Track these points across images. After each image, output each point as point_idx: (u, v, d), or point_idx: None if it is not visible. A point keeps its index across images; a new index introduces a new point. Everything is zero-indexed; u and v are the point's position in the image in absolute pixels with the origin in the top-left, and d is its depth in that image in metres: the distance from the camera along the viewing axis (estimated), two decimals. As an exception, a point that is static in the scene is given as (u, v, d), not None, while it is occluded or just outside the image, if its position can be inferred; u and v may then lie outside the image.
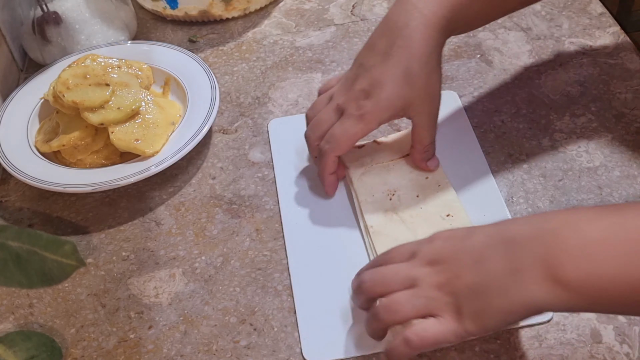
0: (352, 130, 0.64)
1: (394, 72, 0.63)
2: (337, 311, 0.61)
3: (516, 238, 0.49)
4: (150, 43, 0.86)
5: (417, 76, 0.63)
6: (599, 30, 0.85)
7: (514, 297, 0.48)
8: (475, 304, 0.50)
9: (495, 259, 0.49)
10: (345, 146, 0.65)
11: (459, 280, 0.51)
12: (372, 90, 0.63)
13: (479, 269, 0.50)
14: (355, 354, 0.58)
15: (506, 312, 0.48)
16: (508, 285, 0.48)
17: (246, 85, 0.84)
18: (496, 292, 0.49)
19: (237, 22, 0.93)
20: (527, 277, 0.47)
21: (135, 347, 0.61)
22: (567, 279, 0.46)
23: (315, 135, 0.67)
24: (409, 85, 0.63)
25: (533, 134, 0.74)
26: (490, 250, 0.50)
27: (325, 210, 0.69)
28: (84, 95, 0.71)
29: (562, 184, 0.69)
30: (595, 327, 0.58)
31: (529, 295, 0.47)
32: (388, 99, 0.63)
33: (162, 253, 0.68)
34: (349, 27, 0.90)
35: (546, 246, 0.47)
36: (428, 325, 0.51)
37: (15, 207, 0.74)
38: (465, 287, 0.50)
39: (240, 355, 0.59)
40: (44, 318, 0.64)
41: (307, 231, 0.67)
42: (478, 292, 0.50)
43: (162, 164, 0.70)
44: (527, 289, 0.47)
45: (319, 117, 0.67)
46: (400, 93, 0.63)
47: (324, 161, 0.67)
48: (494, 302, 0.49)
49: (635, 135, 0.73)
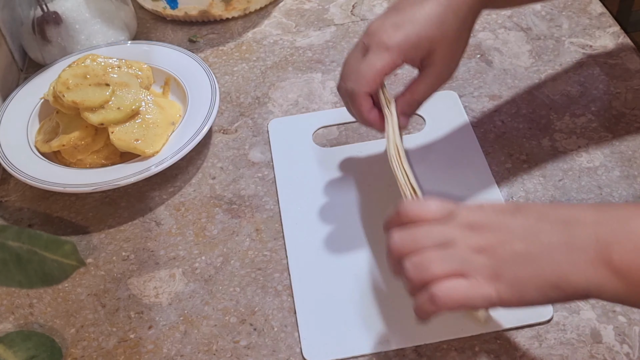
0: (378, 63, 0.60)
1: (430, 14, 0.60)
2: (338, 311, 0.61)
3: (577, 218, 0.48)
4: (150, 43, 0.86)
5: (450, 27, 0.61)
6: (599, 30, 0.85)
7: (564, 273, 0.46)
8: (519, 270, 0.47)
9: (551, 233, 0.47)
10: (373, 81, 0.61)
11: (504, 247, 0.48)
12: (404, 24, 0.60)
13: (531, 239, 0.48)
14: (356, 353, 0.58)
15: (551, 287, 0.47)
16: (561, 260, 0.46)
17: (246, 85, 0.84)
18: (547, 263, 0.47)
19: (237, 22, 0.93)
20: (582, 257, 0.46)
21: (135, 347, 0.61)
22: (624, 267, 0.45)
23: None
24: (441, 33, 0.61)
25: (533, 134, 0.74)
26: (545, 224, 0.48)
27: (325, 210, 0.69)
28: (84, 95, 0.71)
29: (562, 184, 0.69)
30: (595, 327, 0.58)
31: (581, 275, 0.46)
32: (418, 36, 0.60)
33: (162, 253, 0.68)
34: (349, 27, 0.90)
35: (610, 231, 0.46)
36: (457, 284, 0.48)
37: (15, 207, 0.74)
38: (512, 253, 0.48)
39: (240, 355, 0.59)
40: (44, 318, 0.64)
41: (307, 231, 0.67)
42: (526, 261, 0.47)
43: (162, 164, 0.70)
44: (580, 269, 0.46)
45: (345, 61, 0.64)
46: (431, 35, 0.60)
47: (356, 102, 0.62)
48: (542, 273, 0.47)
49: (635, 135, 0.73)
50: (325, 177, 0.72)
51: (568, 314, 0.59)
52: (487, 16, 0.89)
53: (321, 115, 0.79)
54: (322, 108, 0.80)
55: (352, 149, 0.75)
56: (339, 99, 0.80)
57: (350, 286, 0.63)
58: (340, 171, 0.72)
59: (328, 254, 0.65)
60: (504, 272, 0.48)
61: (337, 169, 0.73)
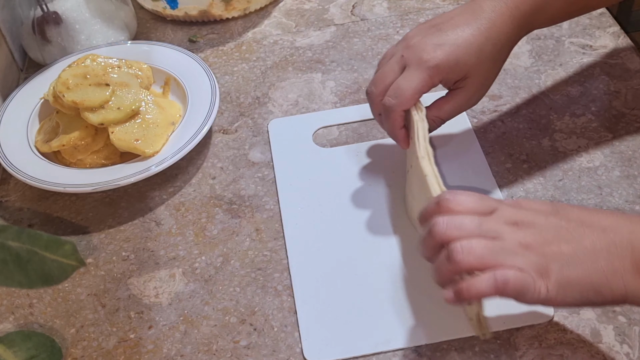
0: (418, 82, 0.61)
1: (470, 41, 0.61)
2: (338, 311, 0.61)
3: (614, 227, 0.50)
4: (150, 43, 0.86)
5: (487, 57, 0.62)
6: (599, 30, 0.85)
7: (607, 278, 0.48)
8: (567, 271, 0.49)
9: (593, 238, 0.49)
10: (411, 99, 0.62)
11: (551, 246, 0.50)
12: (445, 46, 0.61)
13: (576, 243, 0.50)
14: (356, 353, 0.58)
15: (593, 291, 0.49)
16: (603, 265, 0.48)
17: (246, 85, 0.84)
18: (592, 268, 0.49)
19: (237, 22, 0.93)
20: (621, 264, 0.48)
21: (135, 347, 0.61)
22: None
23: (377, 90, 0.64)
24: (478, 61, 0.62)
25: (533, 134, 0.74)
26: (586, 229, 0.50)
27: (325, 210, 0.69)
28: (84, 95, 0.71)
29: (562, 184, 0.69)
30: (595, 327, 0.58)
31: (620, 281, 0.48)
32: (457, 61, 0.61)
33: (162, 253, 0.68)
34: (349, 27, 0.90)
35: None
36: (515, 272, 0.49)
37: (15, 207, 0.74)
38: (559, 254, 0.49)
39: (240, 355, 0.59)
40: (44, 318, 0.64)
41: (307, 231, 0.67)
42: (573, 263, 0.49)
43: (162, 164, 0.70)
44: (620, 275, 0.48)
45: (382, 71, 0.64)
46: (468, 61, 0.62)
47: (391, 118, 0.63)
48: (587, 277, 0.48)
49: (635, 135, 0.73)
50: (325, 177, 0.72)
51: (568, 314, 0.59)
52: (487, 16, 0.89)
53: (321, 116, 0.79)
54: (322, 108, 0.80)
55: (352, 149, 0.74)
56: (339, 99, 0.81)
57: (350, 286, 0.63)
58: (340, 171, 0.72)
59: (328, 254, 0.65)
60: (552, 271, 0.49)
61: (337, 169, 0.73)
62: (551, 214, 0.52)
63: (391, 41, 0.87)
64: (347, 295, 0.62)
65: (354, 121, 0.78)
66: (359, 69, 0.84)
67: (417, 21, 0.90)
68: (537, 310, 0.59)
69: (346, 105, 0.80)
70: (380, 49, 0.86)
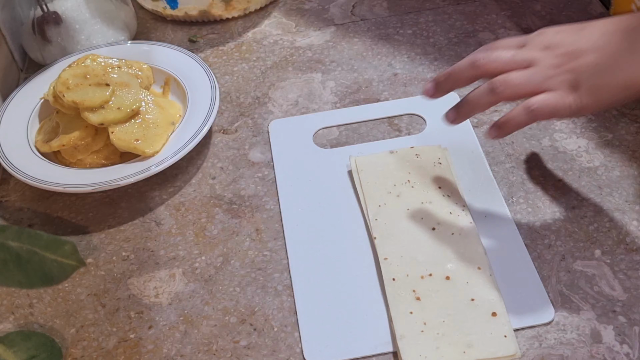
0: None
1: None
2: (338, 311, 0.61)
3: (634, 26, 0.55)
4: (150, 43, 0.86)
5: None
6: (599, 30, 0.85)
7: (631, 75, 0.54)
8: (595, 79, 0.55)
9: (616, 43, 0.55)
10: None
11: (578, 60, 0.56)
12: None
13: (600, 51, 0.56)
14: (356, 354, 0.58)
15: (623, 88, 0.55)
16: (627, 64, 0.54)
17: (246, 85, 0.84)
18: (616, 69, 0.55)
19: (237, 22, 0.93)
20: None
21: (135, 347, 0.61)
22: None
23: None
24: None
25: (533, 134, 0.74)
26: (609, 36, 0.56)
27: (325, 210, 0.69)
28: (84, 95, 0.71)
29: (562, 184, 0.69)
30: (595, 327, 0.58)
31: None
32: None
33: (162, 253, 0.68)
34: (349, 27, 0.90)
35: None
36: (548, 96, 0.56)
37: (15, 207, 0.74)
38: (586, 65, 0.56)
39: (240, 355, 0.59)
40: (44, 318, 0.64)
41: (307, 231, 0.67)
42: (598, 70, 0.55)
43: (162, 164, 0.70)
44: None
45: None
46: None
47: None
48: (613, 79, 0.55)
49: (635, 135, 0.73)
50: (325, 178, 0.72)
51: (568, 314, 0.59)
52: (487, 16, 0.89)
53: (321, 116, 0.79)
54: (322, 108, 0.80)
55: (352, 149, 0.74)
56: (339, 99, 0.81)
57: (351, 286, 0.63)
58: (340, 171, 0.72)
59: (328, 254, 0.65)
60: (582, 83, 0.55)
61: (337, 170, 0.73)
62: (577, 31, 0.58)
63: (391, 41, 0.87)
64: (348, 296, 0.62)
65: (354, 122, 0.78)
66: (359, 69, 0.84)
67: (417, 21, 0.90)
68: (537, 311, 0.59)
69: (346, 105, 0.80)
70: (380, 49, 0.86)
